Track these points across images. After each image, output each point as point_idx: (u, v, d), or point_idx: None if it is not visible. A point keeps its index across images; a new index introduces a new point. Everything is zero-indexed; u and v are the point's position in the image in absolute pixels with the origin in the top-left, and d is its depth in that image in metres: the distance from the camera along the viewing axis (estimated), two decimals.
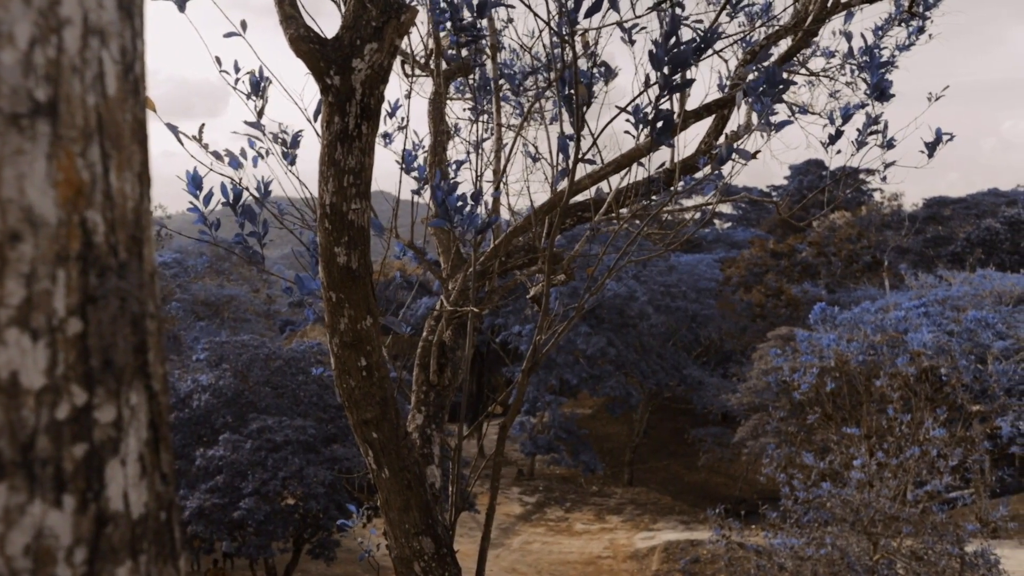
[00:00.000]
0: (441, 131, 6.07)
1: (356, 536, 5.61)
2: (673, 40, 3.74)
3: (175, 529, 0.92)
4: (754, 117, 5.96)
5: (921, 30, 6.74)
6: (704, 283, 53.97)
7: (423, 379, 5.27)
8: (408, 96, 5.49)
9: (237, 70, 4.79)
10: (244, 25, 4.39)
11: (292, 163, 4.89)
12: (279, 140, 4.93)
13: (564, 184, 4.38)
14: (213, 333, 46.24)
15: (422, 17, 6.43)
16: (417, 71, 6.69)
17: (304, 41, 3.39)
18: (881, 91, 4.92)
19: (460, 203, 3.85)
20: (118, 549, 0.80)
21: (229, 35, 4.33)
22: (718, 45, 5.74)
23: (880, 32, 6.57)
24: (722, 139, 6.32)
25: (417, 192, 5.86)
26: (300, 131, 4.95)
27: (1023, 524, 34.78)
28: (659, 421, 56.00)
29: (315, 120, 4.50)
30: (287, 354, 31.99)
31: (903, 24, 6.74)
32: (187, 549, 27.58)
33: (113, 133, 0.86)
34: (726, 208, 78.07)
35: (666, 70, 3.77)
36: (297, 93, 4.70)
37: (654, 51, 3.78)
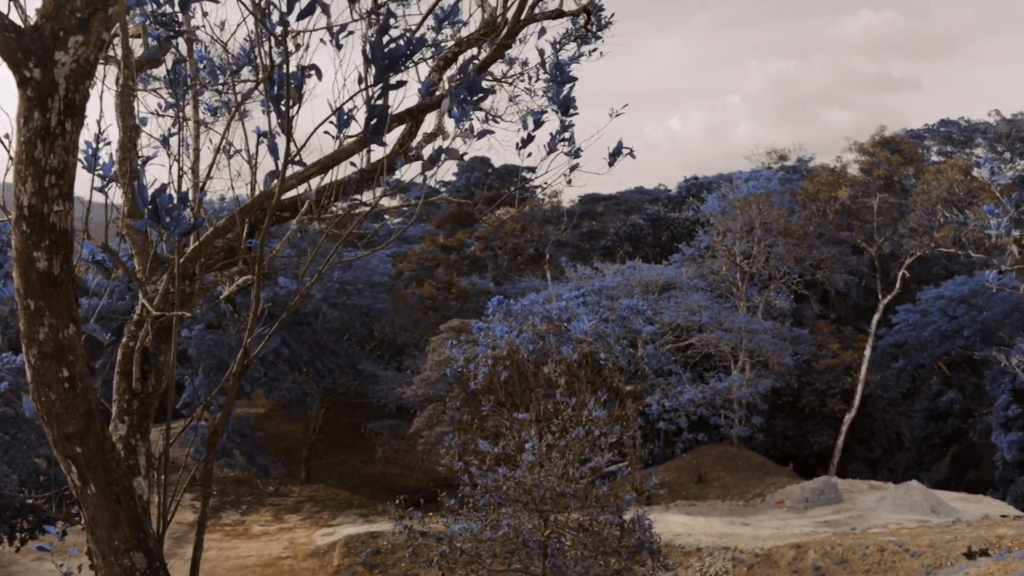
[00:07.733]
0: (131, 126, 5.74)
1: (52, 559, 5.21)
2: (387, 38, 3.84)
3: None
4: (446, 121, 6.20)
5: (594, 48, 7.34)
6: (377, 278, 54.30)
7: (125, 387, 4.98)
8: (101, 96, 5.14)
9: None
10: None
11: None
12: None
13: (274, 184, 4.33)
14: None
15: None
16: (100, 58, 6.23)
17: None
18: (566, 106, 5.36)
19: (170, 204, 3.70)
20: None
21: None
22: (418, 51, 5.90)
23: (558, 46, 7.06)
24: (416, 141, 6.52)
25: (102, 190, 5.49)
26: None
27: (671, 490, 38.56)
28: (335, 416, 55.81)
29: None
30: None
31: (578, 40, 7.28)
32: None
33: None
34: (395, 203, 79.08)
35: (384, 63, 3.85)
36: None
37: (367, 51, 3.85)
